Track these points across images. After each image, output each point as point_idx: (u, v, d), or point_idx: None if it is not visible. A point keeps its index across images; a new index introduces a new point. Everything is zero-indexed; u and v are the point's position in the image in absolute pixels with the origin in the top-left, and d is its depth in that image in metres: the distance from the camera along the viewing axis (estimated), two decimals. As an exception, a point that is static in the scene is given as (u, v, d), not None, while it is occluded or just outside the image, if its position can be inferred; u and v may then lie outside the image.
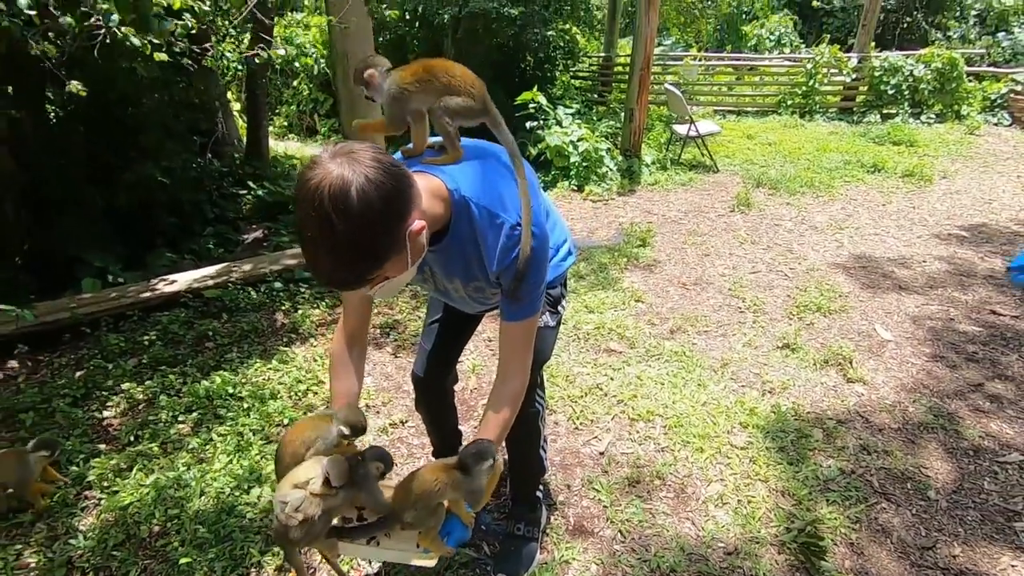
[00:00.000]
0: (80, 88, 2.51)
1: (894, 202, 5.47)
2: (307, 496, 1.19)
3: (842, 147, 7.37)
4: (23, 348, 3.01)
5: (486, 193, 1.19)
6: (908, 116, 8.81)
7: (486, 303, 1.44)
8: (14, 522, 2.00)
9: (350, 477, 1.22)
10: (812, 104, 9.55)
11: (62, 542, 1.93)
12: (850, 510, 2.04)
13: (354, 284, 1.01)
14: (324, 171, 0.90)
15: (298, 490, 1.20)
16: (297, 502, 1.19)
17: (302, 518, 1.19)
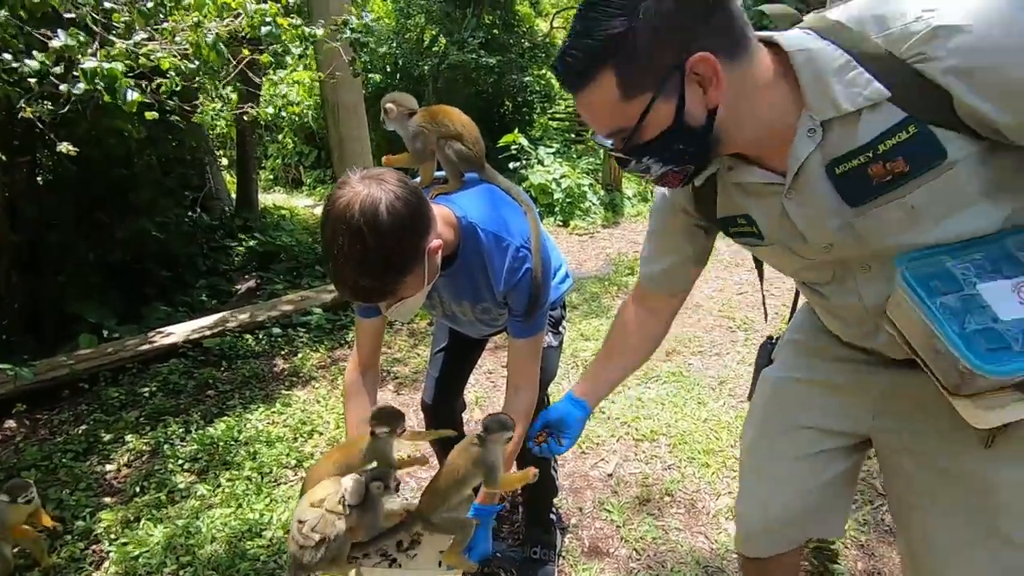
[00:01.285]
0: (70, 149, 2.58)
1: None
2: (324, 515, 1.21)
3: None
4: (21, 407, 2.98)
5: (491, 219, 1.28)
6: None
7: (492, 324, 1.51)
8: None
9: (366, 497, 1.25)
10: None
11: (71, 598, 1.90)
12: (857, 513, 2.08)
13: (377, 296, 1.08)
14: (354, 191, 0.99)
15: (315, 509, 1.22)
16: (314, 521, 1.20)
17: (319, 538, 1.20)
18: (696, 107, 0.78)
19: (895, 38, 0.71)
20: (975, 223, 0.77)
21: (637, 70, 0.76)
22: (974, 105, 0.68)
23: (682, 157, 0.84)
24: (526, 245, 1.29)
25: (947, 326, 0.75)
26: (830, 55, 0.76)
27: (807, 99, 0.78)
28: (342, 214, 0.98)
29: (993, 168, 0.74)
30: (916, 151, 0.73)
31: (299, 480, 2.42)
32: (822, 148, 0.79)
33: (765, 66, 0.80)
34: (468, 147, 1.36)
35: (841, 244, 0.87)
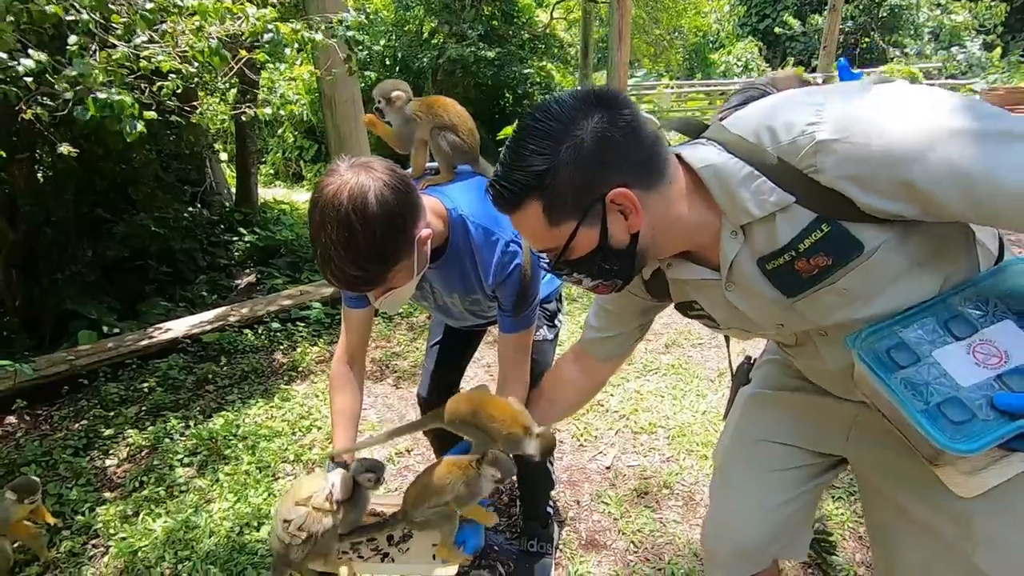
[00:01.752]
0: (71, 150, 2.57)
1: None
2: (310, 512, 1.20)
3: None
4: (21, 404, 2.99)
5: (482, 213, 1.27)
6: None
7: (483, 316, 1.50)
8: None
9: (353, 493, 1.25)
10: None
11: (71, 592, 1.91)
12: (855, 505, 2.07)
13: (366, 285, 1.07)
14: (343, 179, 0.98)
15: (301, 507, 1.21)
16: (300, 519, 1.20)
17: (306, 536, 1.20)
18: (619, 232, 0.85)
19: (786, 151, 0.77)
20: (913, 292, 0.81)
21: (560, 203, 0.83)
22: (875, 205, 0.73)
23: (609, 273, 0.91)
24: (516, 240, 1.27)
25: (910, 405, 0.76)
26: (733, 168, 0.81)
27: (721, 208, 0.85)
28: (330, 202, 0.97)
29: (915, 242, 0.78)
30: (834, 246, 0.78)
31: (297, 476, 2.43)
32: (750, 246, 0.85)
33: (681, 184, 0.86)
34: (462, 138, 1.35)
35: (790, 324, 0.93)
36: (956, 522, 0.93)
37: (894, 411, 0.79)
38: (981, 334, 0.76)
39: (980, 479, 0.80)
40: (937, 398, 0.75)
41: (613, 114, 0.80)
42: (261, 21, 2.65)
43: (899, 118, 0.70)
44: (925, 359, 0.77)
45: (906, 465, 0.97)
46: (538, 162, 0.81)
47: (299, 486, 1.28)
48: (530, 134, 0.82)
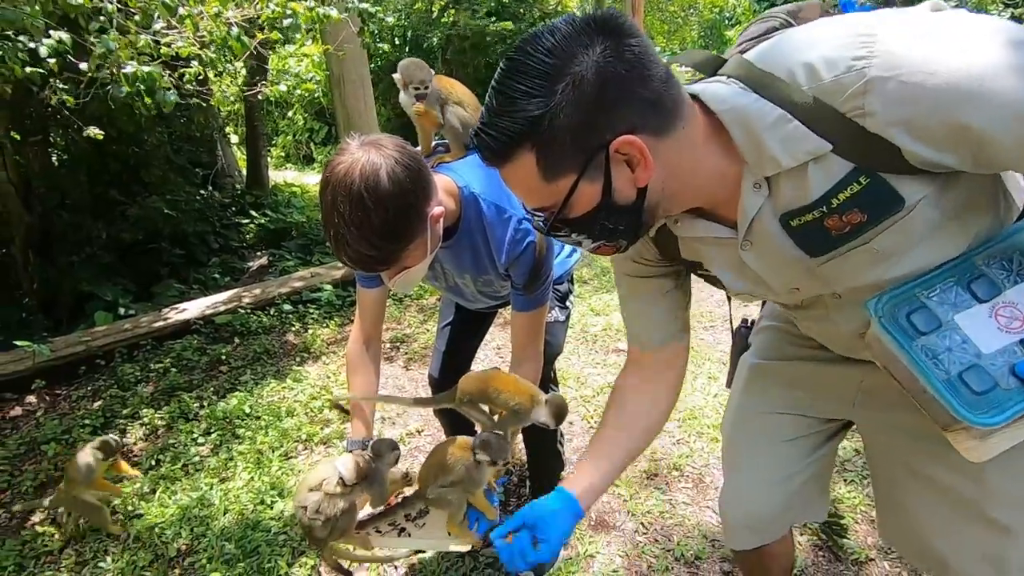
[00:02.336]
0: (97, 133, 2.59)
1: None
2: (324, 497, 1.23)
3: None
4: (40, 383, 3.05)
5: (493, 190, 1.25)
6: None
7: (495, 297, 1.49)
8: (44, 550, 2.03)
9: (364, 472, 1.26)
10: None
11: (91, 567, 1.95)
12: (868, 488, 2.05)
13: (379, 264, 1.06)
14: (354, 157, 0.97)
15: (314, 493, 1.24)
16: (316, 504, 1.23)
17: (324, 519, 1.23)
18: (624, 186, 0.74)
19: (828, 91, 0.67)
20: (943, 249, 0.75)
21: (556, 153, 0.72)
22: (923, 154, 0.65)
23: (613, 233, 0.80)
24: (528, 218, 1.25)
25: (931, 376, 0.72)
26: (761, 110, 0.71)
27: (744, 157, 0.74)
28: (342, 181, 0.96)
29: (953, 197, 0.71)
30: (871, 201, 0.70)
31: (310, 454, 2.45)
32: (773, 201, 0.76)
33: (698, 128, 0.75)
34: (471, 114, 1.33)
35: (807, 287, 0.84)
36: (971, 478, 0.91)
37: (911, 379, 0.75)
38: (1004, 296, 0.73)
39: (991, 444, 0.76)
40: (958, 367, 0.72)
41: (619, 44, 0.68)
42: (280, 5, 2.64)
43: (958, 52, 0.62)
44: (947, 324, 0.73)
45: (917, 426, 0.94)
46: (530, 106, 0.68)
47: (311, 473, 1.30)
48: (520, 72, 0.69)
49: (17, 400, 2.99)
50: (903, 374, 0.77)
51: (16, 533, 2.13)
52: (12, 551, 2.01)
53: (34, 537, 2.08)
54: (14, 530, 2.16)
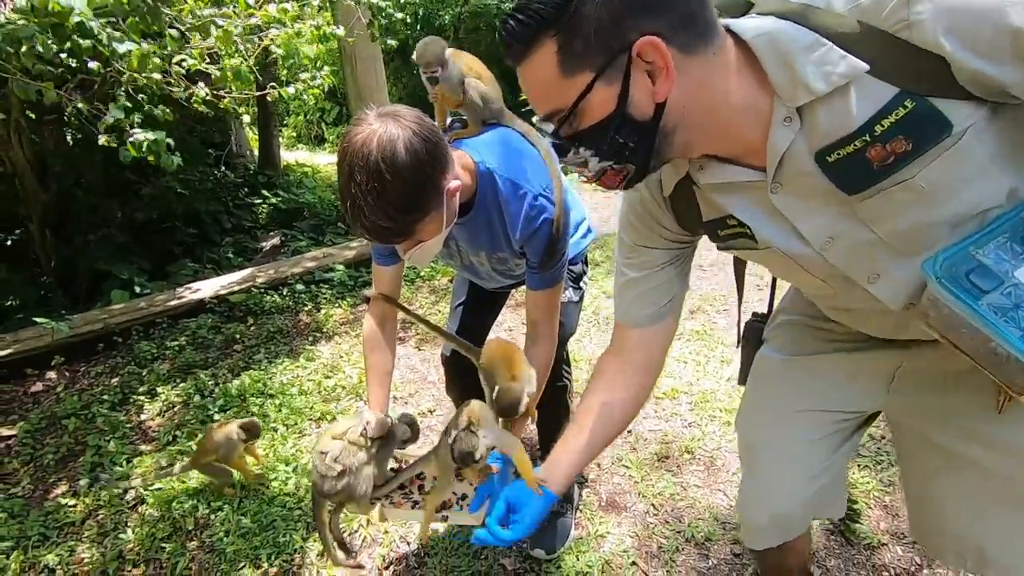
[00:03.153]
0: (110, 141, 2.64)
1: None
2: (345, 446, 1.24)
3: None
4: (60, 360, 3.10)
5: (509, 166, 1.23)
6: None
7: (510, 275, 1.48)
8: (66, 521, 2.08)
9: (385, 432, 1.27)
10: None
11: (112, 537, 2.00)
12: (882, 474, 2.04)
13: (395, 237, 1.05)
14: (371, 128, 0.96)
15: (337, 441, 1.25)
16: (336, 452, 1.25)
17: (340, 469, 1.25)
18: (642, 97, 0.70)
19: (868, 8, 0.64)
20: (986, 192, 0.70)
21: (579, 45, 0.69)
22: (974, 67, 0.61)
23: (622, 153, 0.75)
24: (545, 194, 1.24)
25: (1006, 333, 0.68)
26: (794, 35, 0.68)
27: (775, 86, 0.70)
28: (359, 151, 0.95)
29: (996, 130, 0.66)
30: (917, 127, 0.66)
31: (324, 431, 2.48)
32: (807, 137, 0.71)
33: (729, 56, 0.71)
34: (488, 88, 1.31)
35: (845, 234, 0.78)
36: (1017, 457, 0.89)
37: (982, 342, 0.71)
38: None
39: None
40: None
41: None
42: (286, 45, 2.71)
43: None
44: (1008, 280, 0.69)
45: (958, 405, 0.91)
46: None
47: (336, 424, 1.32)
48: None
49: (38, 376, 3.05)
50: (970, 339, 0.73)
51: (40, 504, 2.18)
52: (36, 521, 2.06)
53: (57, 508, 2.13)
54: (38, 501, 2.21)
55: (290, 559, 1.87)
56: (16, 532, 2.03)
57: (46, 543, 2.00)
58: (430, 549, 1.88)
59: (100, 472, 2.31)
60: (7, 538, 2.00)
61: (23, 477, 2.34)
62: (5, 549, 1.95)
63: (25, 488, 2.29)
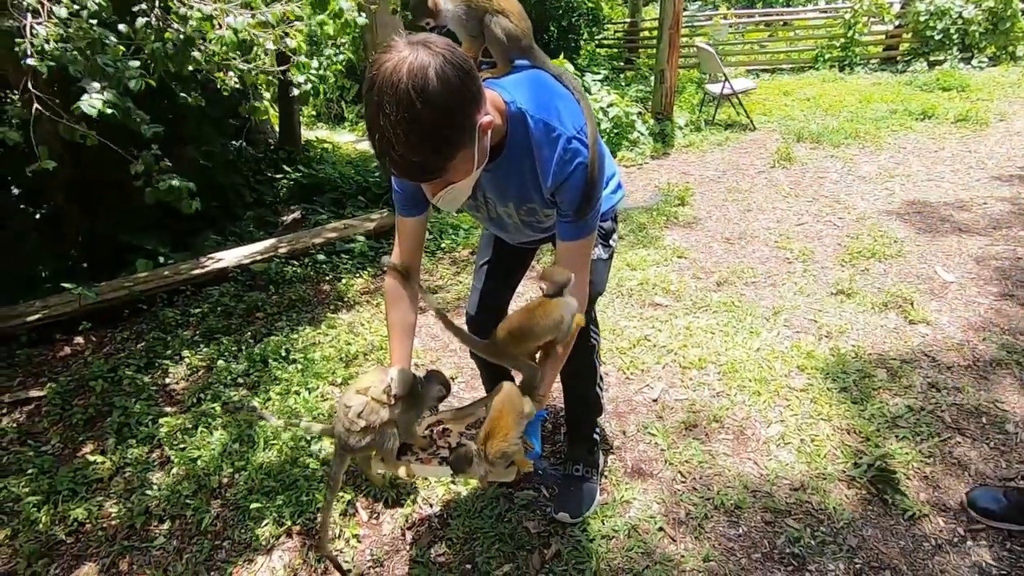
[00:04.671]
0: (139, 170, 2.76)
1: (947, 148, 5.18)
2: (369, 402, 1.20)
3: (887, 97, 7.02)
4: (87, 325, 3.14)
5: (542, 106, 1.17)
6: (958, 61, 8.32)
7: (538, 227, 1.42)
8: (94, 477, 2.10)
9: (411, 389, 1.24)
10: (852, 56, 9.11)
11: (139, 493, 2.02)
12: (922, 445, 1.96)
13: (425, 174, 1.00)
14: (401, 55, 0.89)
15: (361, 396, 1.22)
16: (359, 407, 1.21)
17: (364, 424, 1.22)
18: None
19: None
20: None
21: None
22: None
23: None
24: (579, 136, 1.17)
25: None
26: None
27: None
28: (388, 79, 0.89)
29: None
30: None
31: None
32: None
33: None
34: (515, 24, 1.23)
35: None
36: None
37: None
38: None
39: None
40: None
41: None
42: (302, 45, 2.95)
43: None
44: None
45: None
46: None
47: (362, 378, 1.29)
48: None
49: (66, 341, 3.10)
50: None
51: (69, 461, 2.22)
52: (65, 477, 2.09)
53: (85, 465, 2.16)
54: (67, 459, 2.25)
55: (312, 518, 1.86)
56: (46, 487, 2.06)
57: (75, 498, 2.02)
58: (453, 511, 1.86)
59: (246, 401, 2.39)
60: (38, 492, 2.03)
61: (52, 436, 2.38)
62: (36, 503, 1.99)
63: (55, 446, 2.32)
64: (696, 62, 8.87)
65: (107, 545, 1.84)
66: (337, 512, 1.88)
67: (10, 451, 2.29)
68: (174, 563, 1.76)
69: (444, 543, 1.76)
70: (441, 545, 1.75)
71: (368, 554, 1.75)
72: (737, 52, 10.47)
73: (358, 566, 1.71)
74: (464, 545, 1.74)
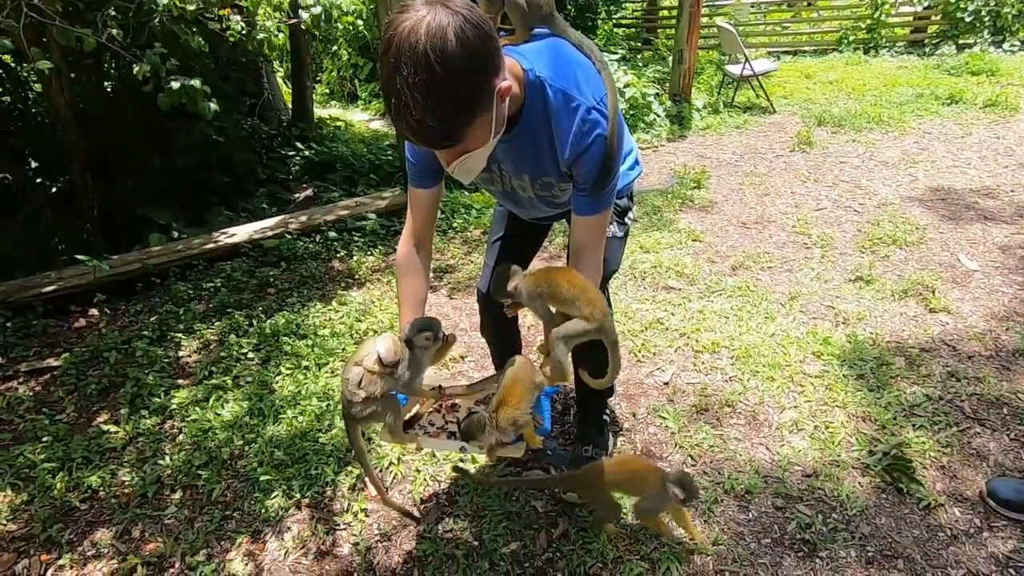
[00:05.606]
0: (148, 88, 2.64)
1: (974, 133, 5.03)
2: (365, 373, 1.20)
3: (913, 81, 6.81)
4: (101, 298, 3.17)
5: (561, 75, 1.13)
6: (988, 45, 8.03)
7: (553, 202, 1.38)
8: (108, 446, 2.13)
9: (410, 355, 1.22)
10: (877, 38, 8.83)
11: (151, 463, 2.04)
12: (939, 434, 1.92)
13: (442, 139, 0.96)
14: (418, 15, 0.86)
15: (358, 367, 1.21)
16: (357, 378, 1.21)
17: (364, 395, 1.21)
18: None
19: None
20: None
21: None
22: None
23: None
24: (598, 107, 1.13)
25: None
26: None
27: None
28: (406, 40, 0.85)
29: None
30: None
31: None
32: None
33: None
34: (533, -13, 1.18)
35: None
36: None
37: None
38: None
39: None
40: None
41: None
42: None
43: None
44: None
45: None
46: None
47: (360, 348, 1.28)
48: None
49: (81, 312, 3.13)
50: None
51: (83, 430, 2.24)
52: (80, 445, 2.12)
53: (99, 434, 2.18)
54: (82, 427, 2.27)
55: (321, 491, 1.88)
56: (61, 454, 2.09)
57: (89, 466, 2.05)
58: (461, 488, 1.86)
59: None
60: (53, 459, 2.06)
61: (68, 405, 2.41)
62: (51, 469, 2.02)
63: (69, 415, 2.35)
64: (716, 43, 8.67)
65: (120, 512, 1.86)
66: (345, 486, 1.89)
67: (26, 419, 2.33)
68: (185, 532, 1.78)
69: (452, 519, 1.76)
70: (449, 521, 1.75)
71: (376, 528, 1.75)
72: (758, 33, 10.21)
73: (366, 540, 1.72)
74: (471, 522, 1.75)
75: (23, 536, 1.81)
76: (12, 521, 1.86)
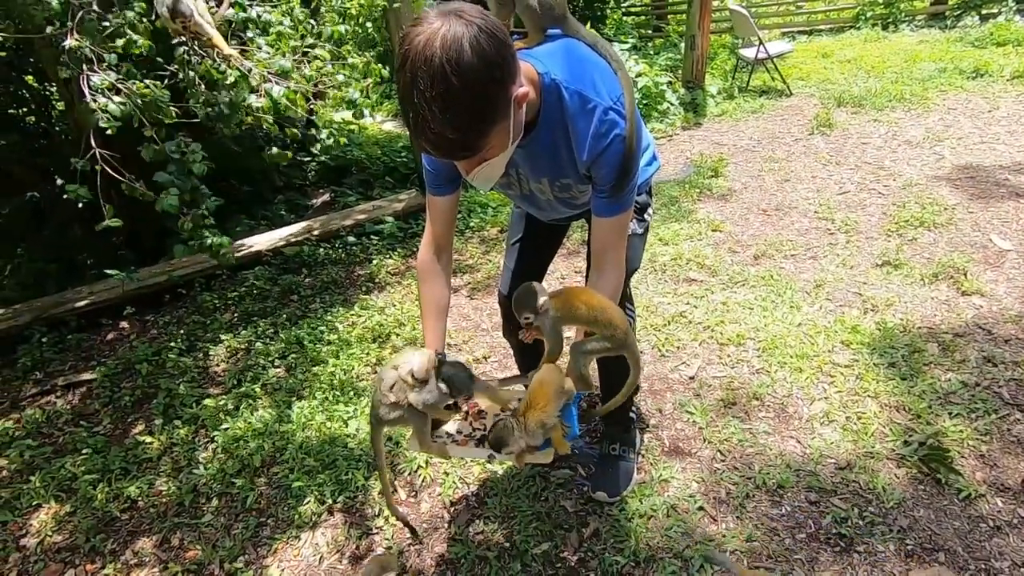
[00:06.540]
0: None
1: (1002, 107, 4.86)
2: (398, 379, 1.21)
3: (935, 55, 6.61)
4: (131, 310, 3.24)
5: (577, 76, 1.12)
6: (1013, 13, 7.75)
7: (572, 203, 1.38)
8: (144, 457, 2.18)
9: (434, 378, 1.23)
10: (896, 13, 8.59)
11: (186, 472, 2.09)
12: (977, 422, 1.87)
13: (461, 150, 0.96)
14: (433, 27, 0.86)
15: (394, 371, 1.23)
16: (391, 381, 1.23)
17: (393, 399, 1.23)
18: None
19: None
20: None
21: None
22: None
23: None
24: (616, 107, 1.11)
25: None
26: None
27: None
28: (421, 53, 0.85)
29: None
30: None
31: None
32: None
33: None
34: (546, -11, 1.17)
35: None
36: None
37: None
38: None
39: None
40: None
41: None
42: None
43: None
44: None
45: None
46: None
47: (401, 354, 1.29)
48: None
49: (112, 325, 3.21)
50: None
51: (120, 442, 2.30)
52: (117, 457, 2.18)
53: (136, 445, 2.24)
54: (118, 439, 2.34)
55: (353, 496, 1.90)
56: (101, 466, 2.15)
57: (127, 476, 2.11)
58: (490, 490, 1.87)
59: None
60: (93, 471, 2.12)
61: (104, 417, 2.48)
62: (92, 480, 2.08)
63: (106, 427, 2.42)
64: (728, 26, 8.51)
65: (159, 521, 1.91)
66: (375, 491, 1.91)
67: (65, 431, 2.40)
68: (222, 539, 1.82)
69: (482, 521, 1.77)
70: (479, 523, 1.77)
71: (407, 531, 1.77)
72: (772, 14, 9.99)
73: (398, 543, 1.74)
74: (502, 524, 1.75)
75: (68, 547, 1.87)
76: (57, 532, 1.92)
